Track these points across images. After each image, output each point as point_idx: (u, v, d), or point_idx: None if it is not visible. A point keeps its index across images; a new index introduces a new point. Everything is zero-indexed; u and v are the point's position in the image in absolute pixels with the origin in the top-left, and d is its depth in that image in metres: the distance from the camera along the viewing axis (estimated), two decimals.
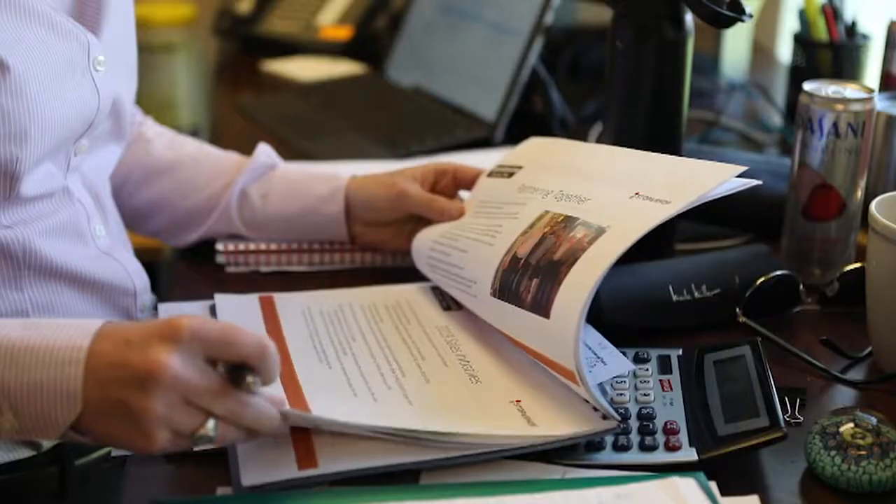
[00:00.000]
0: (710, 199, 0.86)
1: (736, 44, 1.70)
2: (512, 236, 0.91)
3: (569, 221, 0.88)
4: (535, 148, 1.06)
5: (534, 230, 0.90)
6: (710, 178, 0.86)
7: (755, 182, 0.87)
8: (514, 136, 1.45)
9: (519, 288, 0.86)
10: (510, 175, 1.01)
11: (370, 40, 1.86)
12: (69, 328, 0.73)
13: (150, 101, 1.05)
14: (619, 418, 0.80)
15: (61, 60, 0.87)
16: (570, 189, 0.92)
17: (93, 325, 0.73)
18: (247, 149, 1.16)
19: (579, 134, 1.44)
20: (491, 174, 1.05)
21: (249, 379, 0.72)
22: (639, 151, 0.95)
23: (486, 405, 0.84)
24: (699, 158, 1.20)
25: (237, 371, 0.72)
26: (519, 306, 0.86)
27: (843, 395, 0.90)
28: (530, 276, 0.86)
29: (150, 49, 1.01)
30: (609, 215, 0.86)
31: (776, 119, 1.53)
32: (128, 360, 0.69)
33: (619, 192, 0.89)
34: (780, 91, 1.61)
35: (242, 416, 0.72)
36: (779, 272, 0.98)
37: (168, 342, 0.69)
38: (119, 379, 0.69)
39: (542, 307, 0.83)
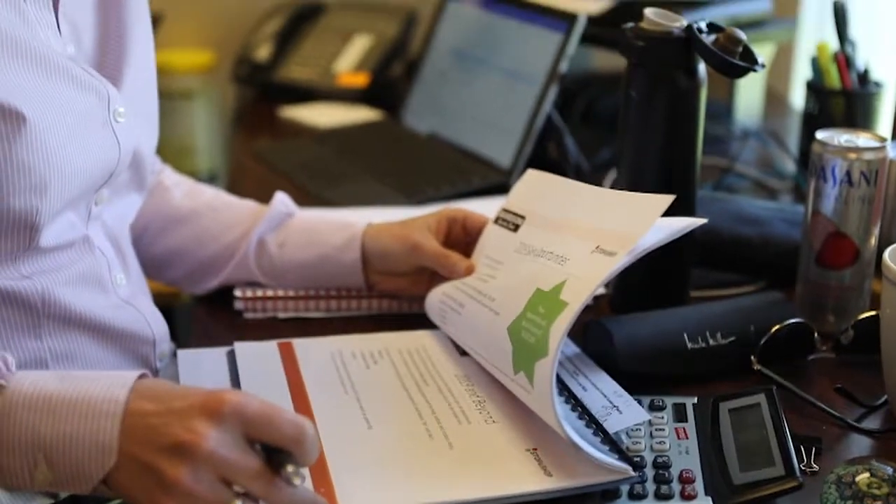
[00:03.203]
0: (656, 246, 0.87)
1: (749, 91, 1.72)
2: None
3: None
4: (533, 189, 1.06)
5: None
6: (644, 220, 0.87)
7: (701, 221, 0.90)
8: None
9: None
10: (515, 228, 1.02)
11: (386, 87, 1.88)
12: (105, 380, 0.74)
13: (169, 146, 1.06)
14: (626, 468, 0.80)
15: (81, 112, 0.88)
16: (556, 248, 0.93)
17: (129, 378, 0.74)
18: (264, 194, 1.17)
19: (594, 180, 1.45)
20: (497, 221, 1.06)
21: (289, 468, 0.72)
22: (604, 191, 0.99)
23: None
24: (713, 205, 1.22)
25: (276, 454, 0.72)
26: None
27: (859, 444, 0.90)
28: None
29: (169, 95, 1.03)
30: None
31: (790, 166, 1.54)
32: (168, 427, 0.70)
33: (587, 244, 0.90)
34: (793, 138, 1.62)
35: (275, 502, 0.71)
36: (793, 320, 0.99)
37: (209, 417, 0.70)
38: (156, 444, 0.70)
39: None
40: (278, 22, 1.97)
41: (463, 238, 1.10)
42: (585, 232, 0.92)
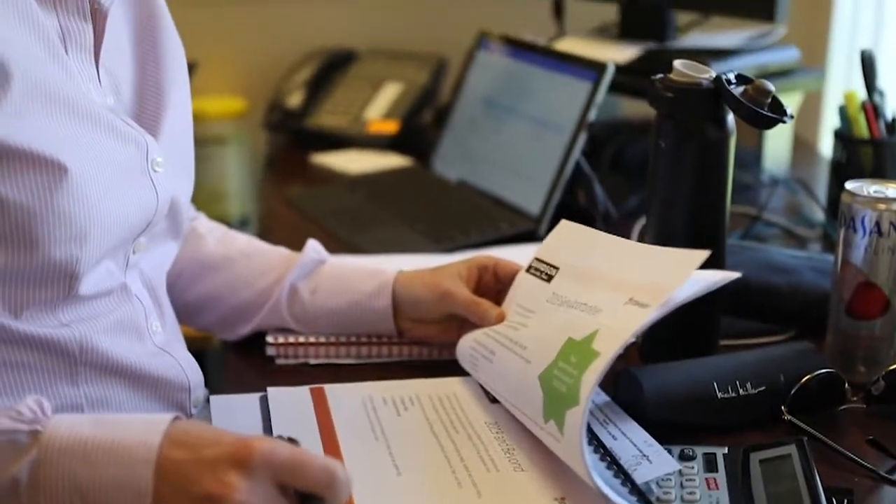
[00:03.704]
0: (690, 299, 0.89)
1: (778, 139, 1.72)
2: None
3: None
4: (567, 241, 1.07)
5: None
6: (679, 274, 0.89)
7: (735, 275, 0.91)
8: None
9: None
10: (549, 278, 1.03)
11: (416, 134, 1.90)
12: (139, 424, 0.75)
13: (201, 191, 1.08)
14: None
15: (121, 163, 0.90)
16: (589, 299, 0.94)
17: (162, 422, 0.75)
18: (295, 239, 1.19)
19: (622, 228, 1.46)
20: (529, 269, 1.07)
21: None
22: (638, 246, 1.00)
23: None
24: (742, 254, 1.23)
25: (308, 499, 0.73)
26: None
27: (891, 496, 0.90)
28: None
29: (202, 141, 1.05)
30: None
31: (818, 214, 1.54)
32: (199, 477, 0.72)
33: (619, 296, 0.91)
34: (821, 186, 1.63)
35: None
36: (824, 370, 0.99)
37: (239, 466, 0.71)
38: (188, 492, 0.72)
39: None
40: (310, 70, 2.00)
41: (494, 285, 1.11)
42: (618, 284, 0.93)
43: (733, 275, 0.92)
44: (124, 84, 0.97)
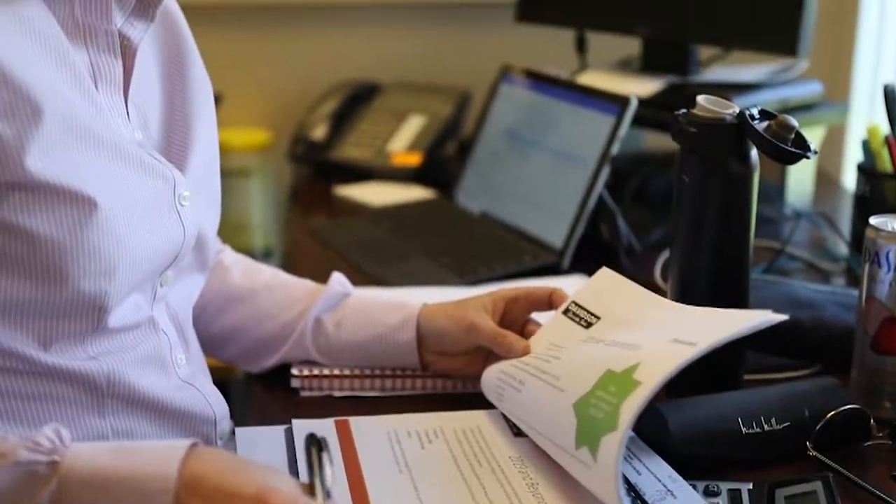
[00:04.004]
0: (734, 338, 0.89)
1: (801, 172, 1.72)
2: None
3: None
4: (609, 291, 1.06)
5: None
6: (739, 322, 0.90)
7: (782, 317, 0.91)
8: (581, 263, 1.47)
9: None
10: (588, 325, 1.03)
11: (440, 166, 1.91)
12: (156, 454, 0.75)
13: (226, 222, 1.09)
14: None
15: (148, 197, 0.91)
16: (628, 339, 0.95)
17: (178, 451, 0.76)
18: (319, 271, 1.19)
19: (645, 261, 1.46)
20: (567, 312, 1.07)
21: None
22: (682, 305, 1.01)
23: None
24: (765, 289, 1.23)
25: None
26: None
27: None
28: None
29: (226, 173, 1.06)
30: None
31: (842, 248, 1.54)
32: None
33: (663, 336, 0.92)
34: (845, 220, 1.62)
35: None
36: (849, 406, 0.99)
37: None
38: None
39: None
40: (334, 102, 2.01)
41: (525, 314, 1.11)
42: (662, 328, 0.93)
43: (779, 317, 0.91)
44: (152, 118, 0.99)
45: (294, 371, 1.13)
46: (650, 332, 0.95)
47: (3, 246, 0.84)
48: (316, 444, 0.79)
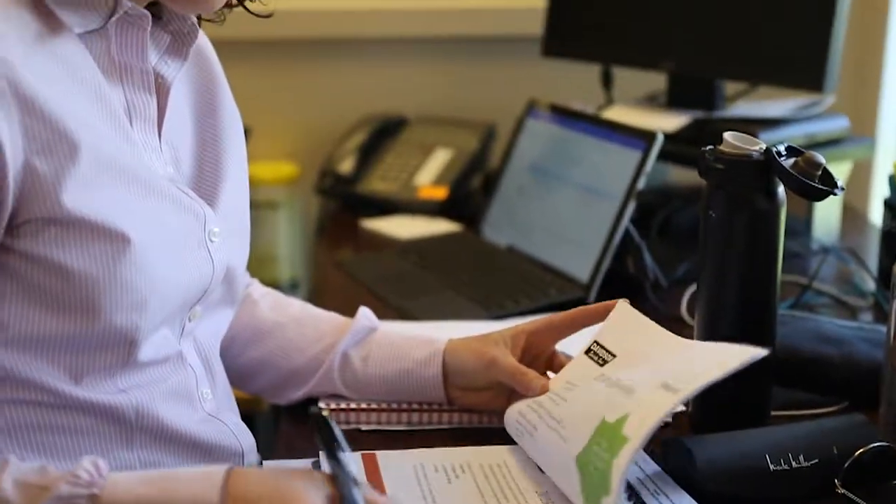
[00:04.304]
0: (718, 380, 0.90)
1: (827, 207, 1.72)
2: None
3: None
4: (624, 326, 1.07)
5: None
6: (725, 363, 0.90)
7: (762, 352, 0.91)
8: (607, 297, 1.46)
9: None
10: (603, 363, 1.04)
11: (465, 200, 1.92)
12: (194, 482, 0.77)
13: (253, 254, 1.10)
14: None
15: (179, 233, 0.93)
16: (628, 378, 0.96)
17: (217, 476, 0.78)
18: (346, 304, 1.20)
19: (672, 296, 1.46)
20: (588, 352, 1.07)
21: None
22: (689, 342, 1.01)
23: None
24: (792, 324, 1.23)
25: None
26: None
27: None
28: None
29: (254, 206, 1.08)
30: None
31: (869, 283, 1.53)
32: None
33: (656, 379, 0.93)
34: (872, 255, 1.62)
35: None
36: (878, 443, 0.98)
37: None
38: None
39: None
40: (361, 136, 2.03)
41: (551, 345, 1.11)
42: (659, 368, 0.94)
43: (761, 352, 0.91)
44: (184, 154, 1.00)
45: (321, 404, 1.13)
46: (649, 372, 0.95)
47: (37, 280, 0.85)
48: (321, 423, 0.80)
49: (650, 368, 0.96)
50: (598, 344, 1.06)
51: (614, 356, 1.03)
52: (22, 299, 0.85)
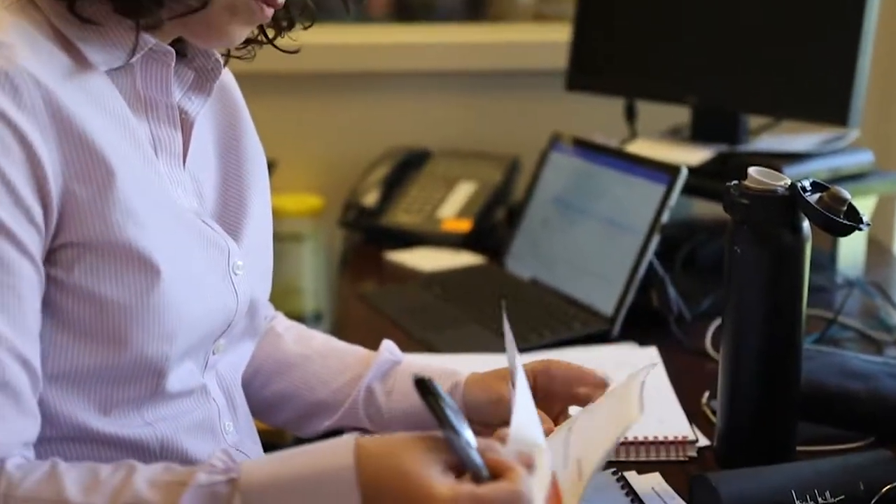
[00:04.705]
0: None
1: (852, 241, 1.71)
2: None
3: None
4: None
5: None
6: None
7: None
8: (631, 331, 1.48)
9: None
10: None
11: (489, 232, 1.92)
12: (323, 451, 0.83)
13: (277, 286, 1.11)
14: None
15: (204, 266, 0.94)
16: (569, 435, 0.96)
17: (346, 446, 0.82)
18: (370, 336, 1.20)
19: (696, 329, 1.46)
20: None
21: None
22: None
23: None
24: (818, 359, 1.22)
25: None
26: None
27: None
28: None
29: (278, 238, 1.08)
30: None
31: (895, 317, 1.52)
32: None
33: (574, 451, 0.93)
34: None
35: None
36: None
37: None
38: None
39: None
40: (386, 169, 2.04)
41: (558, 388, 1.09)
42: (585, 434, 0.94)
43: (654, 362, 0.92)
44: (208, 188, 1.01)
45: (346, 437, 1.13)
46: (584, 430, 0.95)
47: (71, 309, 0.86)
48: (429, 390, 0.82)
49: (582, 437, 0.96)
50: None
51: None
52: (55, 330, 0.86)
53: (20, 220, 0.82)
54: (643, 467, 1.10)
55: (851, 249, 1.73)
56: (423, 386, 0.83)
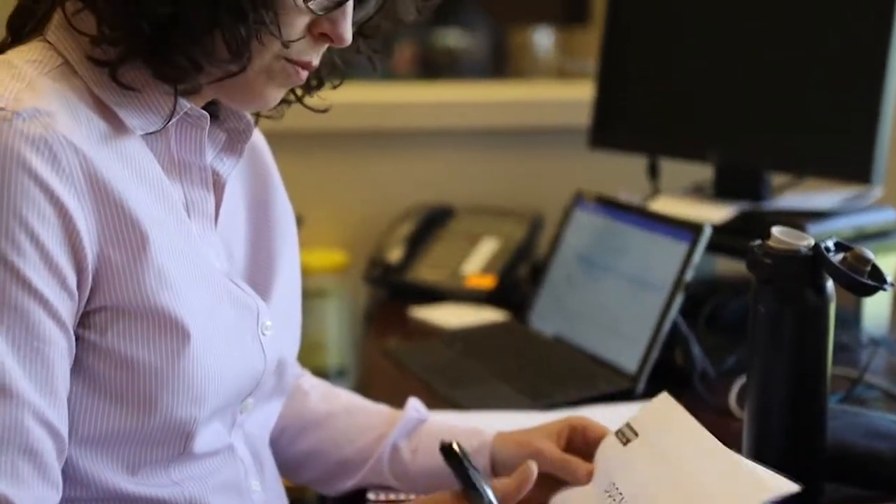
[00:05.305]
0: None
1: (877, 299, 1.70)
2: None
3: None
4: (660, 417, 1.07)
5: None
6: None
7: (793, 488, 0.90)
8: (655, 388, 1.46)
9: None
10: (626, 442, 1.04)
11: (513, 289, 1.93)
12: None
13: (301, 341, 1.12)
14: None
15: (234, 327, 0.95)
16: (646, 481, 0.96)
17: None
18: (395, 393, 1.21)
19: (720, 387, 1.46)
20: (617, 432, 1.07)
21: None
22: (724, 452, 0.98)
23: None
24: (843, 419, 1.22)
25: None
26: None
27: None
28: None
29: (303, 293, 1.10)
30: None
31: None
32: None
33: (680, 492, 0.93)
34: None
35: None
36: None
37: None
38: None
39: None
40: (410, 225, 2.05)
41: (584, 448, 1.11)
42: (688, 489, 0.93)
43: (794, 488, 0.91)
44: (237, 248, 1.02)
45: (370, 496, 1.14)
46: (673, 487, 0.94)
47: (101, 372, 0.87)
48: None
49: (672, 481, 0.95)
50: (628, 425, 1.07)
51: (636, 434, 1.04)
52: (86, 392, 0.87)
53: (53, 285, 0.83)
54: None
55: (876, 307, 1.72)
56: (448, 451, 0.85)
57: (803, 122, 1.70)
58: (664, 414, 1.06)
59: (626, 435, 1.05)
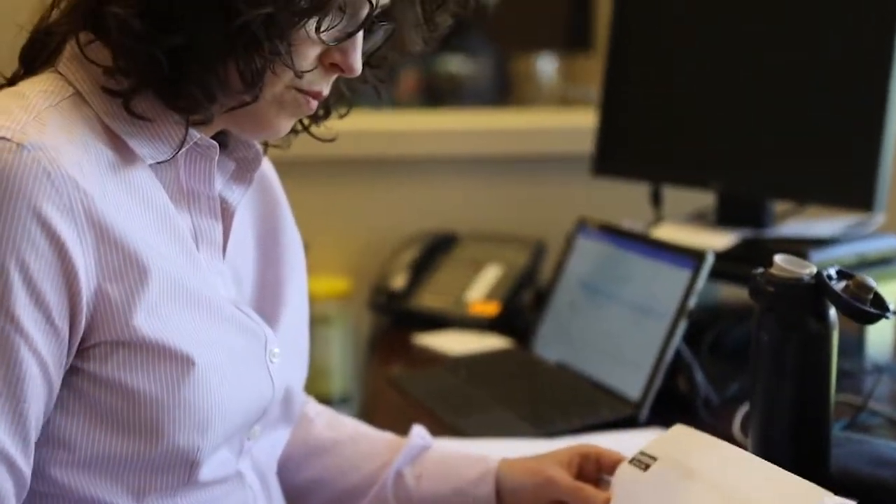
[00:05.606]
0: None
1: (880, 325, 1.71)
2: None
3: None
4: (677, 441, 1.08)
5: None
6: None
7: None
8: (659, 415, 1.47)
9: None
10: (646, 467, 1.04)
11: (516, 316, 1.93)
12: None
13: None
14: None
15: (241, 355, 0.95)
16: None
17: None
18: (398, 420, 1.22)
19: (724, 414, 1.46)
20: (632, 461, 1.08)
21: None
22: (757, 464, 0.99)
23: None
24: (847, 446, 1.22)
25: None
26: None
27: None
28: None
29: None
30: None
31: None
32: None
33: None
34: None
35: None
36: None
37: None
38: None
39: None
40: (414, 252, 2.06)
41: (596, 475, 1.11)
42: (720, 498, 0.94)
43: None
44: (245, 276, 1.03)
45: None
46: (709, 495, 0.95)
47: (103, 401, 0.87)
48: None
49: (707, 490, 0.95)
50: (642, 452, 1.07)
51: (655, 459, 1.04)
52: (88, 420, 0.88)
53: (38, 320, 0.83)
54: None
55: (880, 334, 1.72)
56: None
57: (805, 149, 1.71)
58: (683, 438, 1.07)
59: (643, 461, 1.05)
